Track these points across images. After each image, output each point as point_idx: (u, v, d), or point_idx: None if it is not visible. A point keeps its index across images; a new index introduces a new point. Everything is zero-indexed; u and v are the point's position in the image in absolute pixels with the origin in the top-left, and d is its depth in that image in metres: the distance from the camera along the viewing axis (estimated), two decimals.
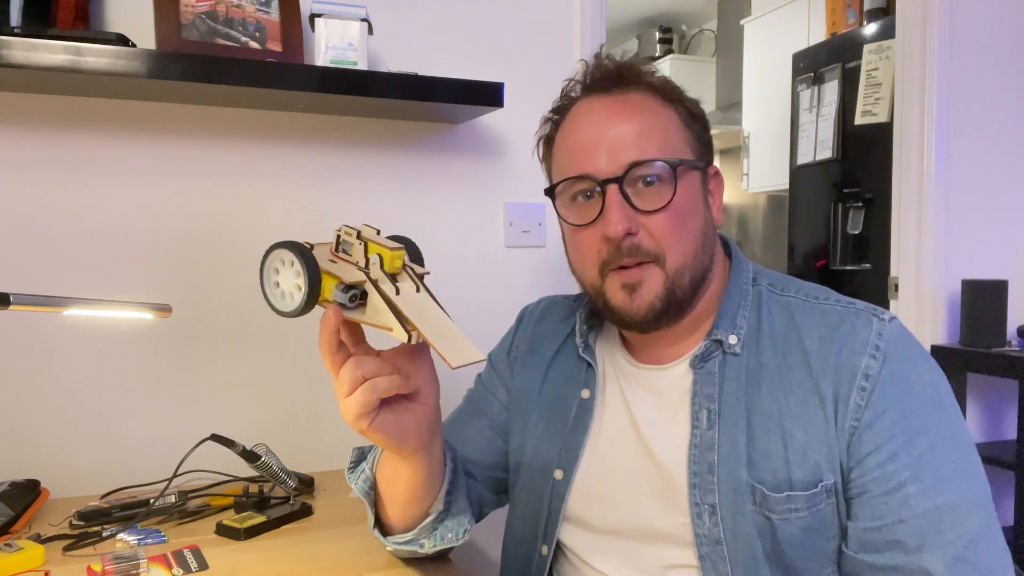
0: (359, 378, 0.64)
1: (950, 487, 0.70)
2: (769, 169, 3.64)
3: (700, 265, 0.79)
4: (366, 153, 1.42)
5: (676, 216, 0.76)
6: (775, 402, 0.76)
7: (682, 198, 0.77)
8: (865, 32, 2.69)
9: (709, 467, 0.77)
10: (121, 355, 1.26)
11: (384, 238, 0.68)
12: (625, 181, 0.75)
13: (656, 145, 0.76)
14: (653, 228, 0.76)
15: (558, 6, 1.56)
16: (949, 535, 0.68)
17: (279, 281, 0.67)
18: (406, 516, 0.79)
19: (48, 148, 1.21)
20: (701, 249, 0.79)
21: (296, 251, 0.64)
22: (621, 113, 0.78)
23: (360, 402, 0.64)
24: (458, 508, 0.81)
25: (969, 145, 2.04)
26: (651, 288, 0.76)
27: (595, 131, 0.79)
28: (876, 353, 0.74)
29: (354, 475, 0.84)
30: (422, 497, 0.77)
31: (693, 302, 0.80)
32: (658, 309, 0.77)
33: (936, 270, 2.00)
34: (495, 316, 1.51)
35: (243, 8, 1.21)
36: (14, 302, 0.83)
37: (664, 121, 0.79)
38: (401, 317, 0.62)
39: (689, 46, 4.85)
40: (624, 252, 0.76)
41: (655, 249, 0.76)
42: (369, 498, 0.82)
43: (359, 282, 0.64)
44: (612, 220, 0.75)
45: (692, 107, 0.82)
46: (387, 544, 0.83)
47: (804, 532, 0.74)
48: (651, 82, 0.81)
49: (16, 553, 0.88)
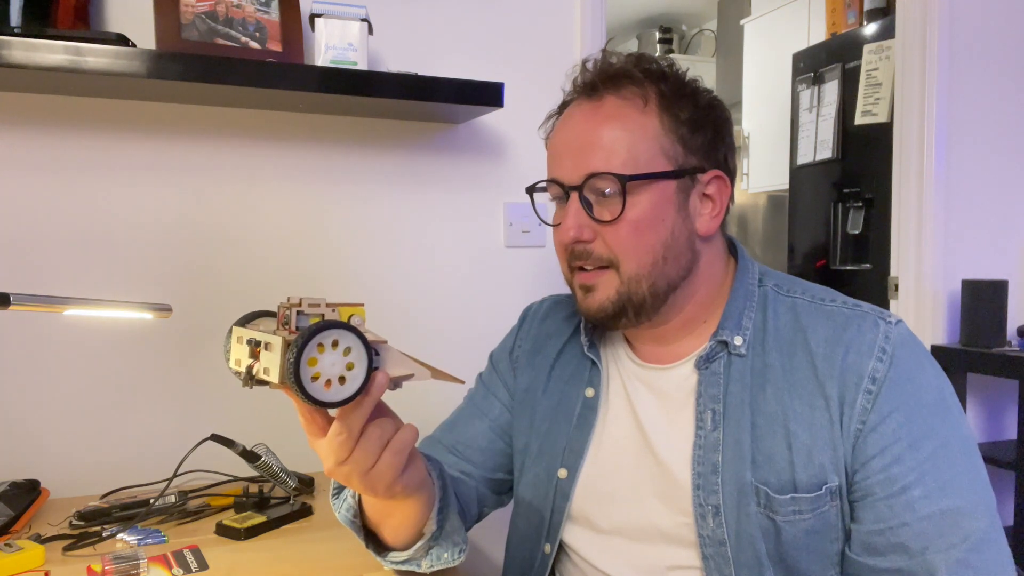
0: (386, 440, 0.63)
1: (954, 491, 0.70)
2: (769, 169, 3.64)
3: (662, 275, 0.78)
4: (366, 153, 1.42)
5: (631, 227, 0.77)
6: (780, 404, 0.76)
7: (639, 211, 0.76)
8: (865, 32, 2.69)
9: (713, 468, 0.77)
10: (121, 355, 1.26)
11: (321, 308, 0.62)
12: (584, 189, 0.77)
13: (617, 157, 0.76)
14: (608, 237, 0.77)
15: (558, 6, 1.56)
16: (952, 539, 0.68)
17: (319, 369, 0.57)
18: (399, 537, 0.79)
19: (48, 148, 1.21)
20: (663, 260, 0.78)
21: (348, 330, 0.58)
22: (593, 121, 0.78)
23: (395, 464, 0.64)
24: (451, 526, 0.80)
25: (969, 145, 2.04)
26: (603, 292, 0.79)
27: (567, 137, 0.80)
28: (883, 356, 0.74)
29: (337, 502, 0.83)
30: (415, 523, 0.76)
31: (663, 307, 0.80)
32: (608, 311, 0.79)
33: (936, 270, 2.00)
34: (495, 316, 1.51)
35: (243, 8, 1.21)
36: (14, 302, 0.83)
37: (634, 130, 0.77)
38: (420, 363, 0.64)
39: (689, 46, 4.84)
40: (576, 256, 0.79)
41: (608, 256, 0.78)
42: (355, 526, 0.81)
43: (378, 341, 0.61)
44: (564, 226, 0.78)
45: (686, 110, 0.78)
46: (384, 563, 0.82)
47: (808, 534, 0.74)
48: (633, 88, 0.78)
49: (16, 553, 0.88)
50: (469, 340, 1.50)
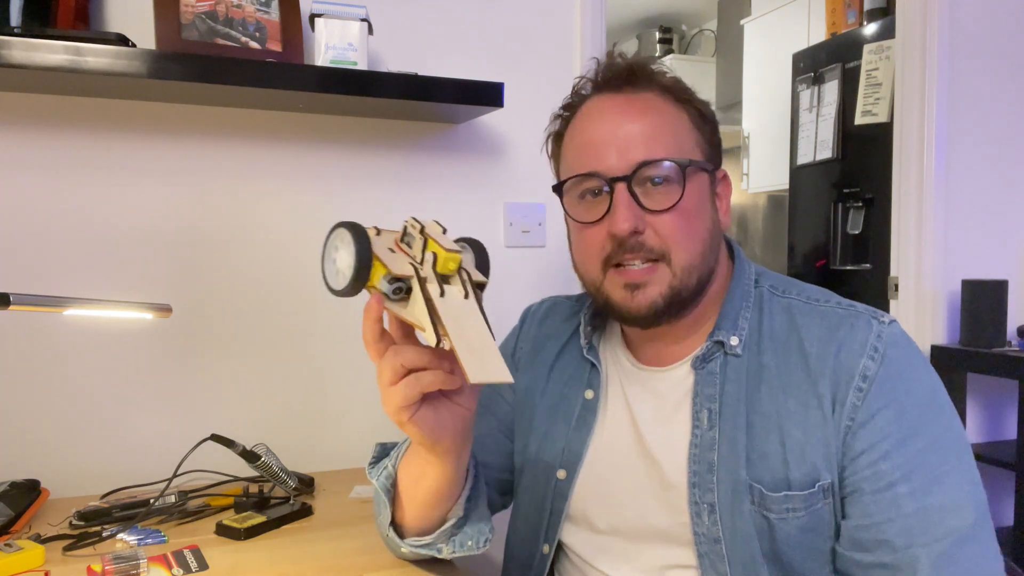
0: (399, 367, 0.63)
1: (941, 489, 0.70)
2: (769, 169, 3.64)
3: (706, 266, 0.79)
4: (366, 153, 1.42)
5: (683, 216, 0.76)
6: (774, 403, 0.77)
7: (690, 199, 0.77)
8: (865, 32, 2.69)
9: (709, 466, 0.77)
10: (121, 355, 1.26)
11: (448, 238, 0.66)
12: (634, 180, 0.76)
13: (666, 145, 0.76)
14: (660, 228, 0.76)
15: (558, 6, 1.56)
16: (937, 534, 0.68)
17: (336, 258, 0.65)
18: (424, 518, 0.78)
19: (48, 148, 1.21)
20: (708, 251, 0.79)
21: (353, 233, 0.62)
22: (631, 112, 0.78)
23: (403, 394, 0.63)
24: (478, 515, 0.80)
25: (969, 145, 2.04)
26: (655, 287, 0.77)
27: (605, 129, 0.79)
28: (874, 354, 0.74)
29: (375, 470, 0.82)
30: (443, 500, 0.76)
31: (696, 302, 0.80)
32: (660, 307, 0.77)
33: (936, 270, 2.00)
34: (494, 316, 1.49)
35: (243, 8, 1.21)
36: (14, 302, 0.83)
37: (674, 122, 0.79)
38: (436, 319, 0.60)
39: (689, 46, 4.84)
40: (628, 249, 0.76)
41: (661, 247, 0.76)
42: (389, 495, 0.80)
43: (406, 276, 0.63)
44: (619, 218, 0.75)
45: (702, 109, 0.82)
46: (403, 546, 0.81)
47: (802, 532, 0.74)
48: (662, 82, 0.81)
49: (16, 553, 0.88)
50: None
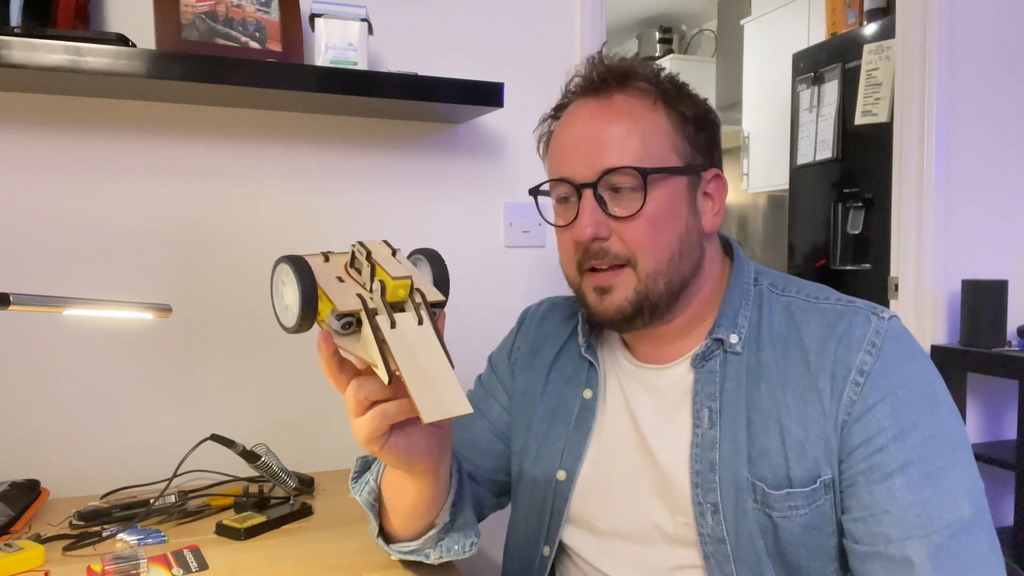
0: (363, 401, 0.62)
1: (938, 482, 0.70)
2: (769, 169, 3.64)
3: (678, 271, 0.79)
4: (366, 153, 1.42)
5: (649, 223, 0.76)
6: (773, 400, 0.77)
7: (657, 205, 0.77)
8: (865, 32, 2.69)
9: (711, 465, 0.77)
10: (121, 355, 1.26)
11: (398, 260, 0.65)
12: (599, 186, 0.76)
13: (633, 152, 0.76)
14: (625, 234, 0.77)
15: (558, 6, 1.56)
16: (934, 525, 0.68)
17: (284, 293, 0.64)
18: (410, 527, 0.79)
19: (48, 148, 1.21)
20: (678, 256, 0.78)
21: (295, 268, 0.61)
22: (602, 117, 0.78)
23: (370, 427, 0.63)
24: (464, 520, 0.80)
25: (969, 145, 2.03)
26: (621, 292, 0.78)
27: (576, 135, 0.79)
28: (872, 349, 0.74)
29: (358, 485, 0.84)
30: (428, 509, 0.77)
31: (675, 305, 0.80)
32: (627, 312, 0.78)
33: (936, 270, 2.00)
34: (494, 316, 1.51)
35: (243, 8, 1.21)
36: (14, 302, 0.83)
37: (647, 126, 0.78)
38: (387, 354, 0.58)
39: (689, 46, 4.84)
40: (592, 255, 0.78)
41: (626, 253, 0.77)
42: (373, 510, 0.82)
43: (354, 311, 0.61)
44: (581, 224, 0.77)
45: (689, 109, 0.80)
46: (391, 552, 0.83)
47: (805, 529, 0.74)
48: (640, 85, 0.79)
49: (16, 553, 0.88)
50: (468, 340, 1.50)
